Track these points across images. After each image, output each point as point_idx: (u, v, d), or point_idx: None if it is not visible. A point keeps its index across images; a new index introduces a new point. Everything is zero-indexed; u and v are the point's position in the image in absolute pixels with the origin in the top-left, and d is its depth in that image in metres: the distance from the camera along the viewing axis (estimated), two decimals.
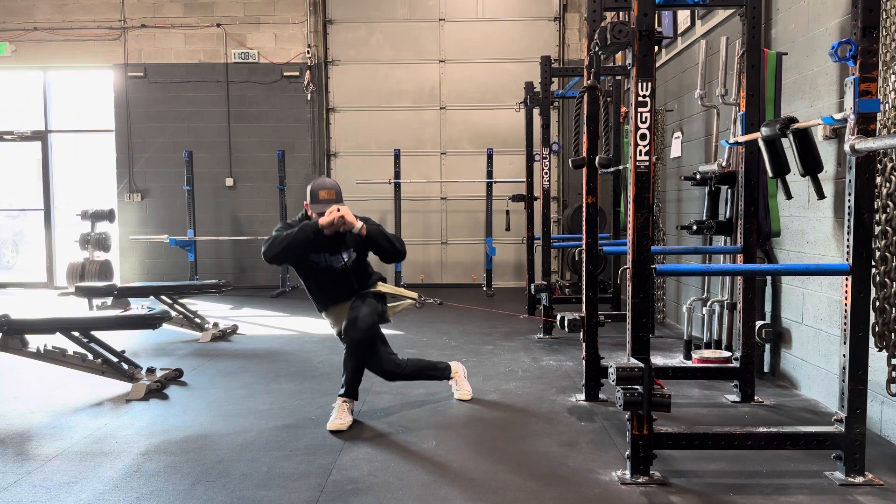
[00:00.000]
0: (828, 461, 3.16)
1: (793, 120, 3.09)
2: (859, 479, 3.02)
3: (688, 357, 5.18)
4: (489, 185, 9.35)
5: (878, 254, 3.23)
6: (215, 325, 6.53)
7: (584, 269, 4.48)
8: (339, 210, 3.75)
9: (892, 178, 3.21)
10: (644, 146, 3.02)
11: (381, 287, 4.16)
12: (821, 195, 3.10)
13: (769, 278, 4.77)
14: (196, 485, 3.10)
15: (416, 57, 10.15)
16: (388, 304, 4.20)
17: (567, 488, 3.03)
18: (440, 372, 4.35)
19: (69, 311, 6.54)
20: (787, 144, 3.19)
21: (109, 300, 6.43)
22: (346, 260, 3.98)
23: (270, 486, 3.07)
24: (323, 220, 3.75)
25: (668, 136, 7.03)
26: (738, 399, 4.26)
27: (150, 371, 4.67)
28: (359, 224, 3.82)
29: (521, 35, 10.04)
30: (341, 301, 4.07)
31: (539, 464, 3.31)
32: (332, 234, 3.82)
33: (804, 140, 3.08)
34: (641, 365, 3.00)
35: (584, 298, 4.43)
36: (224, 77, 10.02)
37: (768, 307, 4.81)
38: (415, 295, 4.30)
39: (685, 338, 5.31)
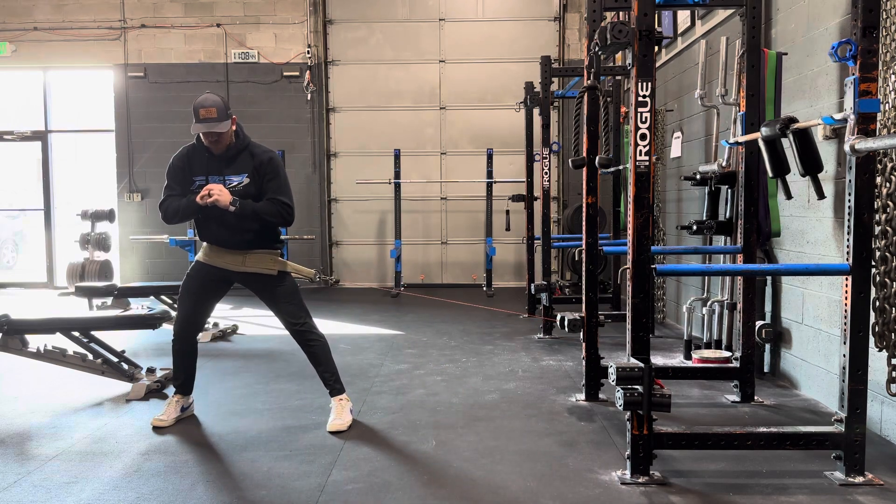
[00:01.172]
0: (828, 461, 3.16)
1: (793, 120, 3.09)
2: (859, 479, 3.02)
3: (688, 357, 5.18)
4: (489, 185, 9.35)
5: (878, 254, 3.23)
6: (215, 325, 6.53)
7: (584, 269, 4.48)
8: (210, 194, 3.65)
9: (892, 178, 3.21)
10: (644, 146, 3.02)
11: (272, 266, 3.88)
12: (821, 195, 3.10)
13: (769, 278, 4.77)
14: (196, 485, 3.10)
15: (416, 57, 10.15)
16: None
17: (567, 488, 3.03)
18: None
19: (69, 311, 6.54)
20: (787, 144, 3.19)
21: (109, 300, 6.44)
22: (233, 184, 3.76)
23: (270, 486, 3.07)
24: (198, 199, 3.70)
25: (668, 136, 7.03)
26: (738, 399, 4.26)
27: (150, 371, 4.67)
28: (231, 207, 3.68)
29: (521, 35, 10.04)
30: (225, 244, 3.85)
31: (539, 464, 3.31)
32: (219, 156, 3.79)
33: (804, 140, 3.08)
34: (641, 365, 3.00)
35: (584, 298, 4.43)
36: (224, 77, 10.02)
37: (768, 307, 4.81)
38: (311, 272, 4.18)
39: (685, 338, 5.31)
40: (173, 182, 3.88)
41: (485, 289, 9.47)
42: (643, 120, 3.01)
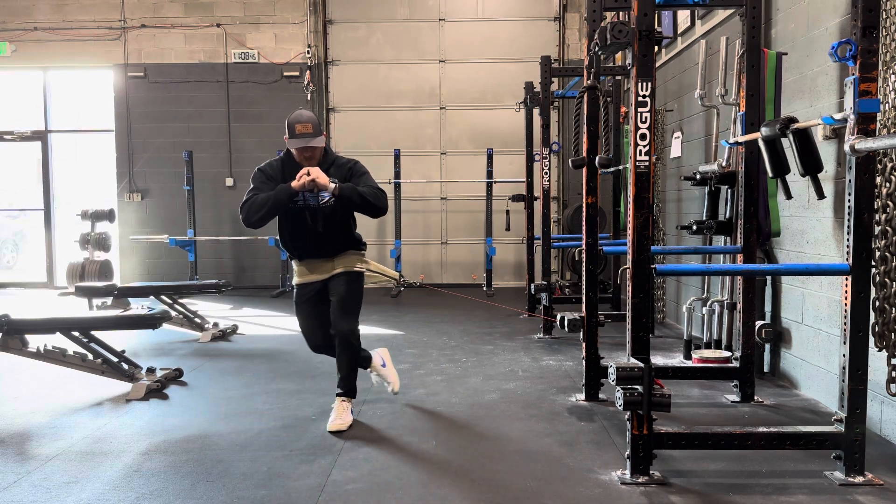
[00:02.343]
0: (828, 461, 3.16)
1: (793, 120, 3.09)
2: (859, 479, 3.02)
3: (688, 357, 5.18)
4: (489, 185, 9.35)
5: (878, 254, 3.23)
6: (215, 325, 6.53)
7: (584, 269, 4.48)
8: (309, 174, 3.67)
9: (892, 178, 3.21)
10: (644, 146, 3.02)
11: (360, 265, 4.02)
12: (821, 195, 3.10)
13: (769, 278, 4.77)
14: (196, 485, 3.10)
15: (416, 57, 10.15)
16: (366, 275, 4.11)
17: (567, 488, 3.03)
18: (362, 361, 4.20)
19: (69, 311, 6.54)
20: (787, 144, 3.19)
21: (109, 300, 6.43)
22: (325, 199, 3.81)
23: (270, 486, 3.07)
24: (295, 184, 3.69)
25: (668, 136, 7.03)
26: (738, 399, 4.26)
27: (150, 371, 4.67)
28: (331, 185, 3.70)
29: (521, 35, 10.04)
30: (317, 255, 3.94)
31: (539, 464, 3.31)
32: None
33: (804, 140, 3.08)
34: (641, 365, 3.00)
35: (584, 298, 4.43)
36: (224, 77, 10.02)
37: (768, 307, 4.81)
38: (396, 275, 4.24)
39: (685, 338, 5.31)
40: (262, 185, 3.83)
41: (485, 289, 9.47)
42: (643, 120, 3.01)
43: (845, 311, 2.99)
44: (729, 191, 4.70)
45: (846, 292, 2.99)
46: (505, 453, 3.46)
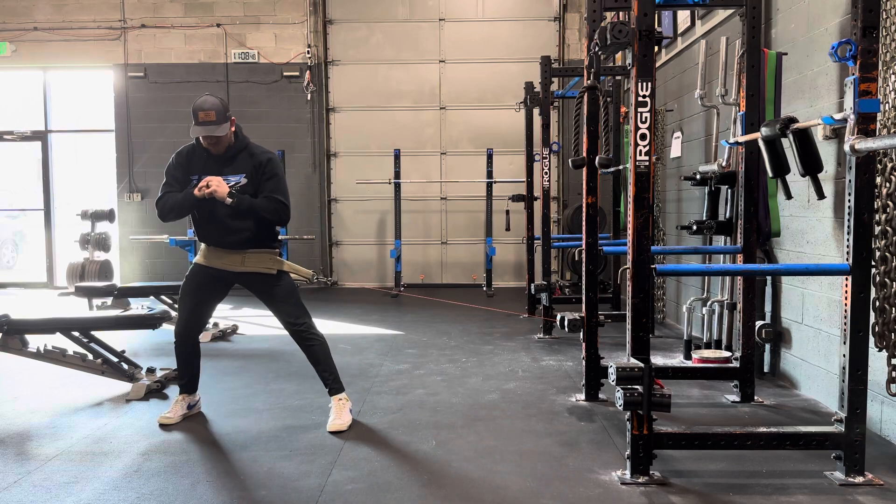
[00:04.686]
0: (828, 461, 3.16)
1: (793, 120, 3.09)
2: (859, 479, 3.02)
3: (688, 357, 5.18)
4: (489, 185, 9.35)
5: (878, 254, 3.23)
6: (215, 325, 6.53)
7: (584, 269, 4.48)
8: (208, 186, 3.68)
9: (892, 178, 3.21)
10: (644, 146, 3.02)
11: (272, 265, 3.90)
12: (821, 195, 3.10)
13: (769, 278, 4.77)
14: (196, 485, 3.10)
15: (415, 57, 10.15)
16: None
17: (567, 488, 3.03)
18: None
19: (69, 311, 6.54)
20: (787, 144, 3.19)
21: (109, 300, 6.44)
22: (231, 183, 3.77)
23: (270, 486, 3.07)
24: (196, 193, 3.72)
25: (668, 136, 7.03)
26: (738, 399, 4.25)
27: (150, 371, 4.67)
28: (228, 200, 3.70)
29: (521, 35, 10.04)
30: (224, 245, 3.85)
31: (539, 464, 3.31)
32: (217, 156, 3.81)
33: (804, 140, 3.08)
34: (641, 365, 3.00)
35: (584, 298, 4.43)
36: (224, 77, 10.02)
37: (768, 307, 4.81)
38: (308, 273, 4.20)
39: (685, 338, 5.31)
40: (172, 180, 3.89)
41: (485, 289, 9.47)
42: (643, 120, 3.01)
43: (845, 311, 2.99)
44: (729, 191, 4.70)
45: (846, 292, 2.99)
46: (505, 453, 3.46)
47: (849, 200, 2.96)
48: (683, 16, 6.58)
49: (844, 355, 2.99)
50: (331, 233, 10.27)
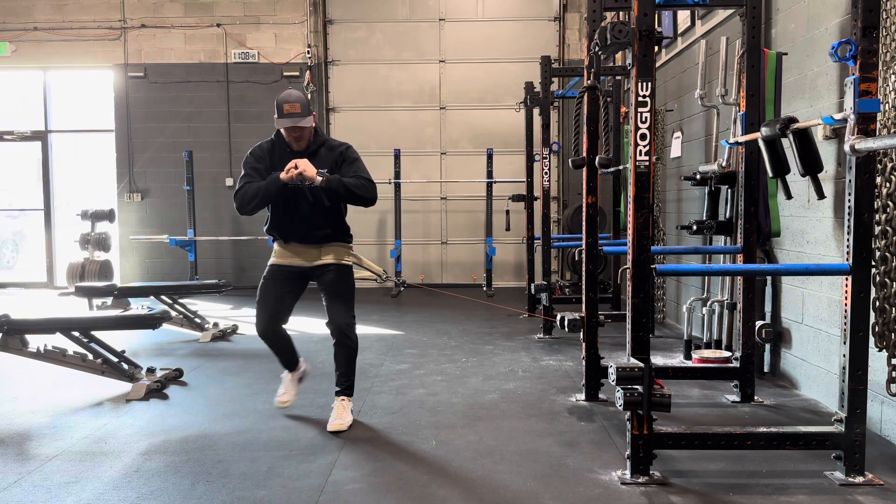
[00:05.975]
0: (828, 461, 3.16)
1: (793, 120, 3.09)
2: (859, 479, 3.02)
3: (688, 357, 5.18)
4: (489, 185, 9.35)
5: (878, 254, 3.23)
6: (215, 325, 6.53)
7: (584, 269, 4.48)
8: (296, 167, 3.65)
9: (892, 178, 3.21)
10: (644, 146, 3.02)
11: (349, 258, 3.98)
12: (821, 195, 3.10)
13: (769, 278, 4.77)
14: (196, 485, 3.10)
15: (416, 57, 10.15)
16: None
17: (567, 488, 3.03)
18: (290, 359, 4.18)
19: (69, 311, 6.54)
20: (787, 144, 3.19)
21: (109, 300, 6.43)
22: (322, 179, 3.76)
23: (270, 486, 3.07)
24: (283, 176, 3.68)
25: (668, 136, 7.03)
26: (738, 399, 4.25)
27: (150, 371, 4.67)
28: (318, 179, 3.67)
29: (521, 35, 10.04)
30: (304, 240, 3.87)
31: (539, 464, 3.31)
32: (299, 152, 3.78)
33: (804, 140, 3.08)
34: (641, 365, 3.00)
35: (584, 298, 4.43)
36: (224, 77, 10.02)
37: (768, 307, 4.81)
38: (380, 270, 4.21)
39: (685, 338, 5.31)
40: (252, 171, 3.83)
41: (485, 289, 9.47)
42: (643, 120, 3.01)
43: (845, 311, 2.99)
44: (729, 191, 4.70)
45: (846, 292, 2.99)
46: (505, 453, 3.46)
47: (849, 200, 2.96)
48: (683, 16, 6.58)
49: (844, 355, 2.99)
50: None
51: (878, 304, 3.25)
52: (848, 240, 2.97)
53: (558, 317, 4.80)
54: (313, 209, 3.80)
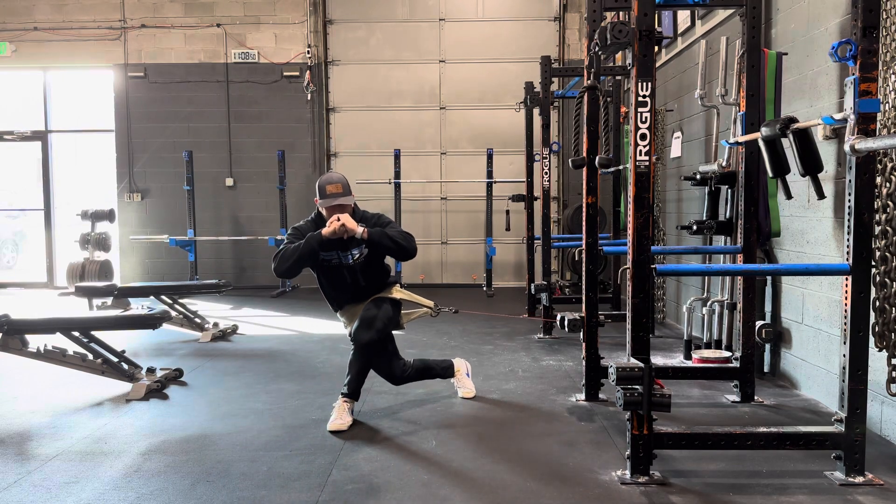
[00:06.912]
0: (828, 461, 3.16)
1: (793, 120, 3.09)
2: (859, 479, 3.02)
3: (688, 357, 5.18)
4: (489, 185, 9.35)
5: (878, 254, 3.23)
6: (215, 325, 6.53)
7: (584, 269, 4.48)
8: (339, 220, 3.80)
9: (892, 178, 3.21)
10: (644, 146, 3.02)
11: (398, 293, 4.17)
12: (821, 195, 3.10)
13: (769, 278, 4.77)
14: (196, 485, 3.10)
15: (415, 57, 10.15)
16: (403, 311, 4.23)
17: (567, 488, 3.03)
18: (443, 371, 4.42)
19: (69, 311, 6.54)
20: (787, 144, 3.19)
21: (109, 300, 6.43)
22: (356, 256, 3.98)
23: (270, 486, 3.07)
24: (325, 231, 3.82)
25: (668, 136, 7.03)
26: (738, 399, 4.25)
27: (150, 371, 4.67)
28: (360, 230, 3.84)
29: (521, 35, 10.04)
30: (355, 301, 4.10)
31: (539, 464, 3.31)
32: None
33: (804, 140, 3.08)
34: (641, 365, 3.00)
35: (584, 298, 4.43)
36: (224, 77, 10.02)
37: (768, 307, 4.81)
38: (430, 303, 4.32)
39: (685, 338, 5.31)
40: (297, 233, 3.98)
41: (485, 289, 9.47)
42: (643, 120, 3.01)
43: (845, 311, 2.99)
44: (729, 191, 4.70)
45: (846, 292, 2.99)
46: (505, 453, 3.46)
47: (849, 200, 2.96)
48: (683, 16, 6.58)
49: (844, 355, 2.99)
50: None
51: (878, 304, 3.25)
52: (848, 240, 2.97)
53: (558, 317, 4.80)
54: (355, 280, 4.02)
